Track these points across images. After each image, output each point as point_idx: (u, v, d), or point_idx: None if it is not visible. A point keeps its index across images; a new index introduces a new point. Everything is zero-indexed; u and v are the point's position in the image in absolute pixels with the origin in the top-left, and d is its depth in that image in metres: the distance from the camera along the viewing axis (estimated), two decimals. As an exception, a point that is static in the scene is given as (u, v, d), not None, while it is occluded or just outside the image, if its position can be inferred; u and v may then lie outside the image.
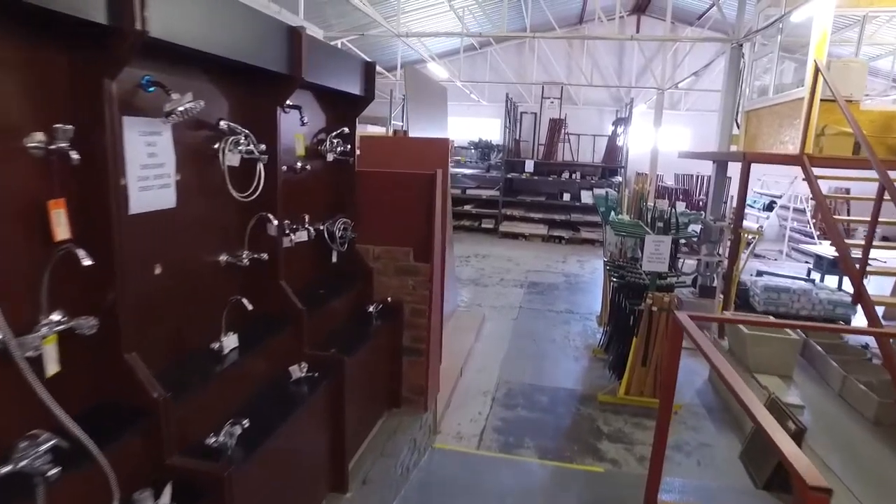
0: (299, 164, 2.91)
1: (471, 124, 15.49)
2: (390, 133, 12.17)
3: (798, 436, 3.43)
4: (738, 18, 7.14)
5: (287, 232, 2.76)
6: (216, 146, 2.21)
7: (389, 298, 3.46)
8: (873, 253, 4.29)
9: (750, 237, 7.59)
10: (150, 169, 1.87)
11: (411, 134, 4.94)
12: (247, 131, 2.32)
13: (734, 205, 9.41)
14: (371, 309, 3.36)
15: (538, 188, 14.43)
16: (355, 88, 3.23)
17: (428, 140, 4.94)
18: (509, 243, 12.35)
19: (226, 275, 2.34)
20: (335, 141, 3.21)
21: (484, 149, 14.25)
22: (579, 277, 9.53)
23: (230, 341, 2.21)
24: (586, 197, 13.24)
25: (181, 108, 1.80)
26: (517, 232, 12.85)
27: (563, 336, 6.55)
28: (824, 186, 14.33)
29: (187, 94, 1.82)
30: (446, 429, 4.30)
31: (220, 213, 2.29)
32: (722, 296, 6.61)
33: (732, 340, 5.03)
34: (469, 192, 13.94)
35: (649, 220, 4.99)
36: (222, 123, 2.20)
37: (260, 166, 2.40)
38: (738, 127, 7.00)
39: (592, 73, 14.62)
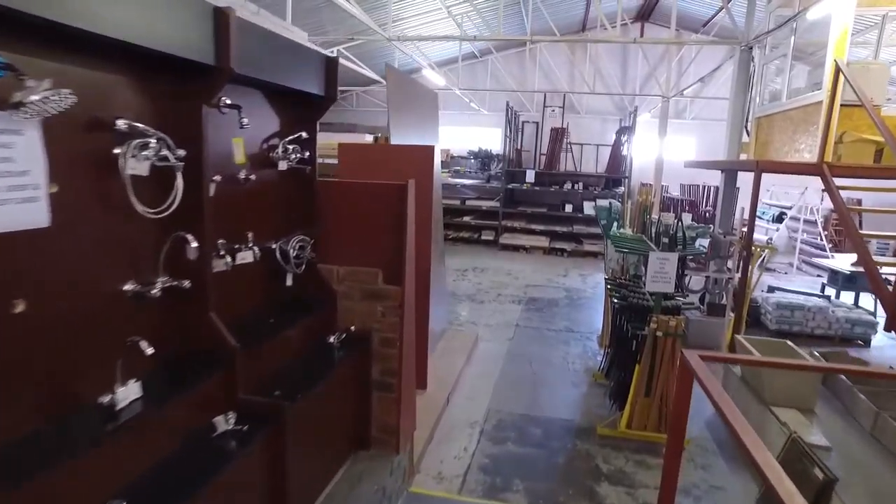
0: (243, 174, 2.48)
1: (471, 134, 15.11)
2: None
3: (827, 487, 2.95)
4: (748, 19, 6.71)
5: (223, 253, 2.33)
6: (117, 151, 1.79)
7: (353, 327, 3.02)
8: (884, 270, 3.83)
9: (763, 252, 7.11)
10: (3, 178, 1.44)
11: (394, 141, 4.53)
12: (161, 134, 1.90)
13: (743, 216, 8.95)
14: (332, 339, 2.92)
15: (540, 199, 13.99)
16: (314, 87, 2.81)
17: (410, 147, 4.52)
18: (509, 256, 11.90)
19: (132, 309, 1.91)
20: (290, 147, 2.79)
21: (484, 158, 13.84)
22: (581, 293, 9.06)
23: (128, 392, 1.77)
24: (589, 208, 12.77)
25: (35, 99, 1.38)
26: (517, 244, 12.40)
27: (562, 358, 6.07)
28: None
29: (44, 82, 1.40)
30: (426, 467, 3.83)
31: (123, 233, 1.86)
32: (732, 314, 6.12)
33: (746, 367, 4.54)
34: (468, 202, 13.52)
35: (653, 235, 4.54)
36: (121, 123, 1.77)
37: (178, 176, 1.97)
38: (748, 134, 6.55)
39: (595, 82, 14.22)
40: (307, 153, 2.89)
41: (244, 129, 2.38)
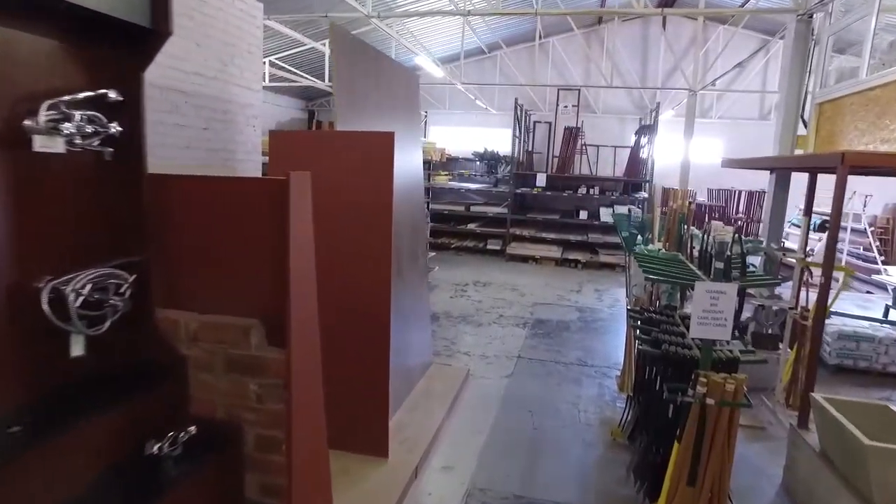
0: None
1: (479, 135, 13.78)
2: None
3: None
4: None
5: None
6: None
7: (193, 428, 1.74)
8: None
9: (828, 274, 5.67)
10: None
11: (343, 126, 3.29)
12: None
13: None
14: (161, 447, 1.65)
15: (551, 205, 12.64)
16: (121, 8, 1.57)
17: (361, 135, 3.26)
18: (517, 268, 10.56)
19: None
20: (78, 115, 1.54)
21: (490, 160, 12.52)
22: (596, 313, 7.69)
23: None
24: (606, 215, 11.39)
25: None
26: (527, 255, 11.06)
27: (572, 403, 4.74)
28: (880, 203, 11.96)
29: None
30: None
31: None
32: (790, 351, 4.74)
33: (831, 441, 3.17)
34: (473, 208, 12.22)
35: (697, 256, 3.21)
36: None
37: None
38: (805, 125, 5.16)
39: (613, 78, 12.85)
40: (117, 127, 1.65)
41: None
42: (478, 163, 12.80)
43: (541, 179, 11.33)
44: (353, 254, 3.29)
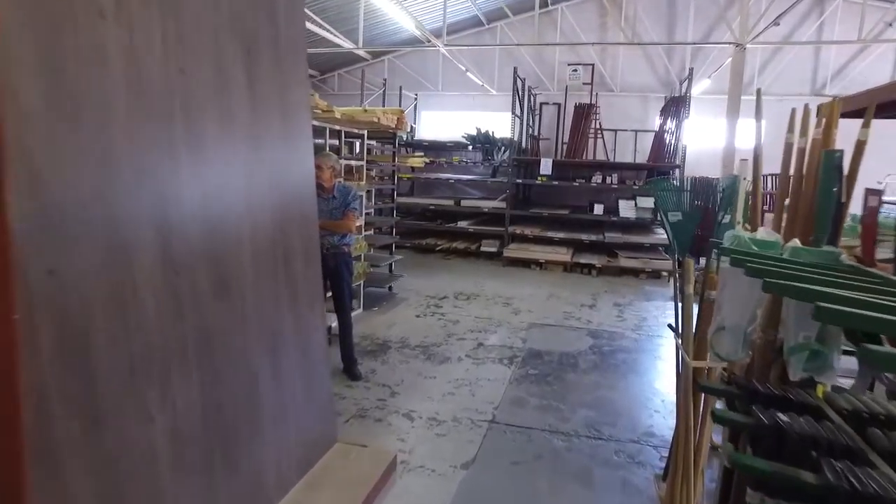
0: None
1: (478, 120, 11.45)
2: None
3: None
4: None
5: None
6: None
7: None
8: None
9: None
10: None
11: None
12: None
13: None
14: None
15: (560, 198, 10.33)
16: None
17: None
18: (516, 274, 8.26)
19: None
20: None
21: (485, 144, 10.24)
22: (616, 339, 5.36)
23: None
24: (626, 209, 9.05)
25: None
26: (529, 258, 8.75)
27: (574, 534, 2.45)
28: None
29: None
30: None
31: None
32: None
33: None
34: (465, 203, 9.94)
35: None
36: None
37: None
38: None
39: (634, 56, 10.48)
40: None
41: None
42: (470, 148, 10.53)
43: (546, 166, 9.01)
44: None
